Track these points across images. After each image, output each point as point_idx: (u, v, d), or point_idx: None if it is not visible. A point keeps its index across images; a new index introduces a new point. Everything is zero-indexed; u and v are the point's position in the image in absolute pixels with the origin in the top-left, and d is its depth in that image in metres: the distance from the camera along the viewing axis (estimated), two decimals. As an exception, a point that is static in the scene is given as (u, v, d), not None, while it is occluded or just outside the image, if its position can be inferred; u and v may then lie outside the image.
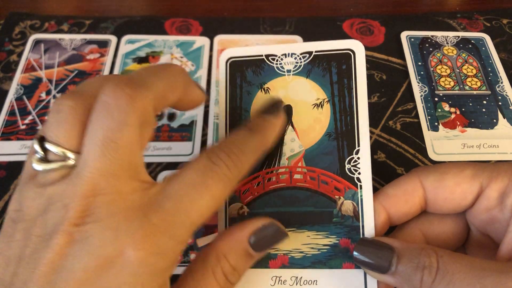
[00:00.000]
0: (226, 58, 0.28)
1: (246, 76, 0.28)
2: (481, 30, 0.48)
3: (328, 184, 0.26)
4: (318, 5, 0.53)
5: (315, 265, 0.25)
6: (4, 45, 0.48)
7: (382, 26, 0.49)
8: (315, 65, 0.27)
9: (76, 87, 0.21)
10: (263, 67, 0.28)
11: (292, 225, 0.26)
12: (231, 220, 0.26)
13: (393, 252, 0.22)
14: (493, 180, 0.24)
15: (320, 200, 0.26)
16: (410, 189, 0.25)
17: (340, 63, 0.27)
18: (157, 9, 0.54)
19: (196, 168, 0.20)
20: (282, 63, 0.27)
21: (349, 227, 0.25)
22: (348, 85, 0.26)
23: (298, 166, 0.26)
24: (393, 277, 0.22)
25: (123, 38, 0.48)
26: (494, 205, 0.24)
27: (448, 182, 0.24)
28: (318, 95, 0.27)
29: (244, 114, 0.27)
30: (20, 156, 0.39)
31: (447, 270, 0.21)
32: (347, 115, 0.26)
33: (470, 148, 0.39)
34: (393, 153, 0.39)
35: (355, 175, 0.25)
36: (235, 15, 0.51)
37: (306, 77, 0.27)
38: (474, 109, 0.42)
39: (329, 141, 0.26)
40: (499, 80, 0.44)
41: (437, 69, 0.45)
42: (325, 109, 0.27)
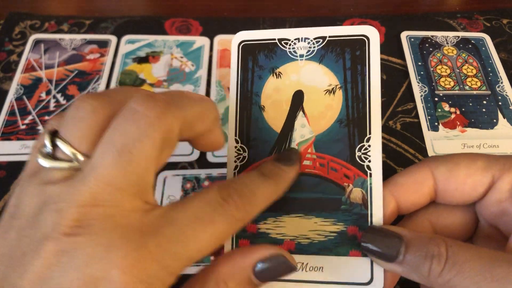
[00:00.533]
0: (239, 41, 0.28)
1: (258, 60, 0.27)
2: (481, 30, 0.48)
3: (337, 171, 0.25)
4: (318, 5, 0.53)
5: (321, 251, 0.25)
6: (4, 45, 0.48)
7: (382, 26, 0.49)
8: (328, 51, 0.27)
9: (104, 90, 0.21)
10: (275, 51, 0.27)
11: (300, 211, 0.25)
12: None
13: (401, 240, 0.22)
14: (505, 172, 0.23)
15: (329, 187, 0.25)
16: (421, 179, 0.25)
17: (354, 49, 0.26)
18: (157, 9, 0.54)
19: (204, 200, 0.19)
20: (295, 47, 0.27)
21: (357, 214, 0.25)
22: (361, 71, 0.26)
23: (308, 152, 0.26)
24: (400, 266, 0.22)
25: (123, 38, 0.48)
26: (506, 197, 0.23)
27: (459, 173, 0.24)
28: (330, 81, 0.26)
29: (255, 99, 0.27)
30: (20, 156, 0.39)
31: (456, 260, 0.20)
32: (359, 102, 0.26)
33: (470, 148, 0.39)
34: (393, 153, 0.39)
35: (365, 163, 0.25)
36: (235, 15, 0.51)
37: (319, 63, 0.27)
38: (474, 109, 0.42)
39: (340, 128, 0.26)
40: (499, 80, 0.44)
41: (437, 69, 0.45)
42: (337, 95, 0.26)
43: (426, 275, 0.21)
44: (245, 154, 0.27)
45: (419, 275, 0.21)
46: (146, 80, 0.45)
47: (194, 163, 0.39)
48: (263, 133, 0.27)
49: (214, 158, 0.39)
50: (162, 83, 0.44)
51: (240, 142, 0.27)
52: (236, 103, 0.27)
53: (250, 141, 0.27)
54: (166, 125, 0.18)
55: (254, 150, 0.26)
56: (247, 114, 0.27)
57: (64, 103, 0.43)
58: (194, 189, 0.37)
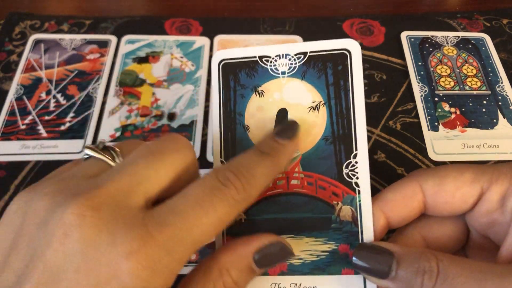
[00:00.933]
0: (218, 60, 0.27)
1: (240, 78, 0.27)
2: (481, 30, 0.48)
3: (326, 189, 0.25)
4: (318, 5, 0.53)
5: (314, 271, 0.25)
6: (4, 45, 0.48)
7: (382, 26, 0.49)
8: (310, 66, 0.26)
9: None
10: (256, 69, 0.27)
11: (290, 232, 0.25)
12: (228, 228, 0.25)
13: (392, 256, 0.22)
14: (493, 183, 0.23)
15: (318, 206, 0.25)
16: (410, 193, 0.25)
17: (336, 64, 0.26)
18: (157, 9, 0.54)
19: (203, 186, 0.20)
20: (276, 64, 0.27)
21: (348, 232, 0.25)
22: (344, 87, 0.26)
23: (295, 171, 0.26)
24: (393, 282, 0.22)
25: (123, 38, 0.48)
26: (495, 208, 0.23)
27: (448, 186, 0.24)
28: (314, 98, 0.26)
29: (238, 118, 0.26)
30: (20, 156, 0.39)
31: (447, 274, 0.20)
32: (344, 118, 0.25)
33: (470, 148, 0.39)
34: (393, 153, 0.39)
35: (353, 179, 0.25)
36: (235, 15, 0.51)
37: (301, 79, 0.26)
38: (474, 109, 0.42)
39: (326, 145, 0.26)
40: (499, 80, 0.44)
41: (437, 69, 0.45)
42: (321, 112, 0.26)
43: None
44: None
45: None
46: (146, 80, 0.45)
47: (194, 163, 0.39)
48: None
49: (214, 158, 0.39)
50: (162, 83, 0.44)
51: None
52: (220, 124, 0.27)
53: None
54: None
55: None
56: (231, 135, 0.26)
57: (64, 103, 0.43)
58: (194, 189, 0.37)
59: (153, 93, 0.44)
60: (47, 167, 0.39)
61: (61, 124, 0.41)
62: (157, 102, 0.43)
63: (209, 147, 0.40)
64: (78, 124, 0.41)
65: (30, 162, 0.39)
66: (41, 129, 0.41)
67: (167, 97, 0.43)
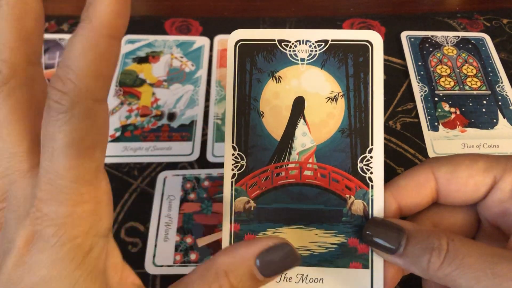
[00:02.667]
0: (235, 40, 0.26)
1: (257, 62, 0.26)
2: (481, 30, 0.48)
3: (339, 182, 0.25)
4: (318, 5, 0.53)
5: (322, 263, 0.25)
6: (4, 45, 0.47)
7: (382, 26, 0.49)
8: (330, 55, 0.26)
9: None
10: (275, 53, 0.26)
11: (300, 222, 0.25)
12: (236, 215, 0.25)
13: (403, 233, 0.22)
14: (507, 173, 0.23)
15: (330, 198, 0.25)
16: (422, 181, 0.25)
17: (357, 55, 0.25)
18: (157, 9, 0.54)
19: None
20: (296, 50, 0.26)
21: (358, 226, 0.25)
22: (364, 79, 0.25)
23: (309, 162, 0.25)
24: (401, 258, 0.22)
25: (123, 38, 0.48)
26: (507, 197, 0.23)
27: (461, 174, 0.24)
28: (332, 88, 0.26)
29: (253, 103, 0.26)
30: (20, 156, 0.39)
31: (457, 254, 0.20)
32: (362, 111, 0.25)
33: (470, 148, 0.39)
34: (393, 153, 0.39)
35: (367, 174, 0.25)
36: (235, 15, 0.51)
37: (321, 68, 0.26)
38: (474, 109, 0.42)
39: (342, 138, 0.25)
40: (499, 80, 0.44)
41: (437, 69, 0.45)
42: (339, 103, 0.25)
43: (426, 268, 0.21)
44: (243, 162, 0.26)
45: (419, 268, 0.21)
46: (146, 80, 0.45)
47: (194, 163, 0.39)
48: (262, 141, 0.26)
49: (214, 158, 0.39)
50: (162, 83, 0.44)
51: (238, 149, 0.26)
52: (233, 107, 0.26)
53: (248, 149, 0.26)
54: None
55: (253, 158, 0.26)
56: (245, 119, 0.26)
57: (64, 103, 0.43)
58: (194, 189, 0.37)
59: (153, 93, 0.44)
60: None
61: (61, 124, 0.41)
62: (157, 102, 0.43)
63: (209, 147, 0.40)
64: (78, 124, 0.41)
65: (30, 162, 0.39)
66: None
67: (167, 97, 0.43)
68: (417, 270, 0.22)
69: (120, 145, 0.40)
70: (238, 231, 0.25)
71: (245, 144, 0.26)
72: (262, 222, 0.25)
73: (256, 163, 0.25)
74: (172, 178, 0.38)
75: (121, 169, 0.38)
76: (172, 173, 0.38)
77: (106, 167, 0.38)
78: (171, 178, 0.38)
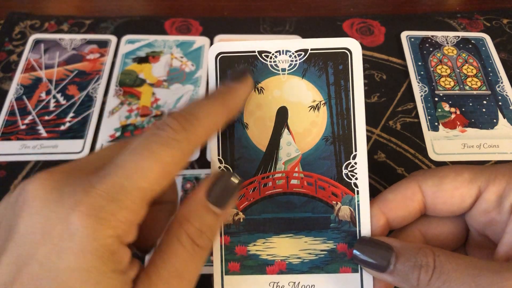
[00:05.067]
0: (215, 53, 0.26)
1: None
2: (481, 30, 0.48)
3: (325, 189, 0.26)
4: (318, 5, 0.53)
5: (312, 270, 0.25)
6: (4, 45, 0.47)
7: (382, 26, 0.49)
8: (311, 64, 0.26)
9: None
10: (256, 65, 0.26)
11: (290, 231, 0.25)
12: (226, 227, 0.26)
13: (391, 251, 0.23)
14: (491, 183, 0.24)
15: (318, 206, 0.25)
16: (409, 194, 0.25)
17: (336, 63, 0.26)
18: (157, 9, 0.54)
19: (142, 136, 0.20)
20: (276, 60, 0.26)
21: (346, 232, 0.25)
22: (345, 86, 0.26)
23: (295, 171, 0.26)
24: (391, 276, 0.22)
25: (123, 38, 0.48)
26: (492, 207, 0.24)
27: (446, 186, 0.24)
28: (314, 97, 0.26)
29: (237, 115, 0.26)
30: (20, 156, 0.39)
31: (443, 269, 0.21)
32: (344, 118, 0.25)
33: (470, 148, 0.39)
34: (393, 153, 0.39)
35: (352, 180, 0.25)
36: (235, 15, 0.51)
37: (302, 77, 0.26)
38: (474, 109, 0.42)
39: (326, 146, 0.26)
40: (499, 80, 0.44)
41: (437, 69, 0.45)
42: (321, 111, 0.26)
43: (415, 285, 0.21)
44: None
45: (409, 285, 0.22)
46: (146, 80, 0.45)
47: (194, 163, 0.39)
48: (248, 152, 0.26)
49: (214, 158, 0.39)
50: (162, 83, 0.44)
51: (224, 162, 0.26)
52: None
53: (234, 161, 0.26)
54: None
55: (240, 170, 0.26)
56: (229, 132, 0.26)
57: (64, 103, 0.43)
58: (194, 189, 0.37)
59: (153, 93, 0.44)
60: (47, 167, 0.39)
61: (61, 124, 0.41)
62: (157, 102, 0.43)
63: (209, 147, 0.40)
64: (78, 124, 0.41)
65: (30, 162, 0.39)
66: (41, 129, 0.41)
67: (167, 97, 0.43)
68: (407, 287, 0.22)
69: (120, 145, 0.40)
70: (229, 244, 0.25)
71: (231, 157, 0.26)
72: (252, 233, 0.25)
73: (244, 175, 0.25)
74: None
75: (121, 169, 0.38)
76: (172, 173, 0.38)
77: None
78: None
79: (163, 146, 0.19)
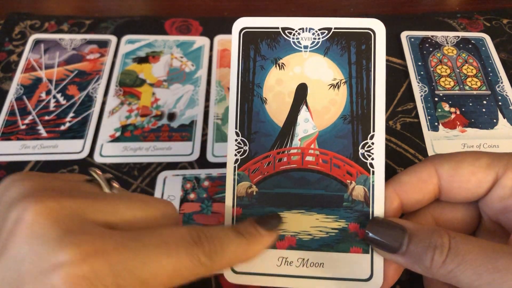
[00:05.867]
0: (239, 28, 0.27)
1: (260, 49, 0.26)
2: (481, 30, 0.48)
3: (340, 168, 0.25)
4: (318, 5, 0.53)
5: (322, 248, 0.25)
6: (4, 45, 0.47)
7: (382, 26, 0.49)
8: (333, 43, 0.26)
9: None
10: (278, 41, 0.26)
11: (302, 207, 0.25)
12: (239, 199, 0.26)
13: (404, 232, 0.22)
14: (509, 169, 0.23)
15: (331, 184, 0.25)
16: (425, 177, 0.25)
17: (359, 43, 0.26)
18: (157, 9, 0.54)
19: (175, 232, 0.20)
20: (299, 38, 0.26)
21: (359, 212, 0.25)
22: (366, 67, 0.25)
23: (311, 148, 0.26)
24: (403, 257, 0.22)
25: (123, 38, 0.48)
26: (509, 194, 0.23)
27: (463, 171, 0.24)
28: (335, 75, 0.26)
29: (256, 90, 0.26)
30: (20, 156, 0.39)
31: (459, 251, 0.20)
32: (364, 98, 0.25)
33: (470, 148, 0.39)
34: (393, 153, 0.39)
35: (368, 160, 0.25)
36: (235, 15, 0.51)
37: (324, 55, 0.26)
38: (474, 109, 0.42)
39: (344, 124, 0.26)
40: (499, 80, 0.44)
41: (437, 69, 0.45)
42: (341, 90, 0.26)
43: (429, 266, 0.21)
44: (246, 148, 0.26)
45: (422, 266, 0.21)
46: (146, 80, 0.45)
47: (194, 163, 0.39)
48: (265, 127, 0.26)
49: (214, 158, 0.39)
50: (162, 83, 0.44)
51: (241, 135, 0.26)
52: (237, 94, 0.26)
53: (251, 134, 0.26)
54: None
55: (256, 144, 0.26)
56: (248, 106, 0.26)
57: (64, 103, 0.43)
58: (194, 189, 0.37)
59: (153, 93, 0.44)
60: (47, 167, 0.39)
61: (61, 124, 0.41)
62: (157, 102, 0.43)
63: (209, 147, 0.40)
64: (78, 124, 0.41)
65: (30, 162, 0.39)
66: (41, 129, 0.41)
67: (167, 97, 0.43)
68: (419, 269, 0.22)
69: (120, 145, 0.40)
70: (240, 215, 0.25)
71: (248, 130, 0.26)
72: (264, 206, 0.25)
73: (259, 149, 0.26)
74: (172, 178, 0.38)
75: (121, 169, 0.38)
76: (172, 173, 0.38)
77: (106, 167, 0.38)
78: (171, 178, 0.38)
79: (188, 259, 0.19)
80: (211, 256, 0.20)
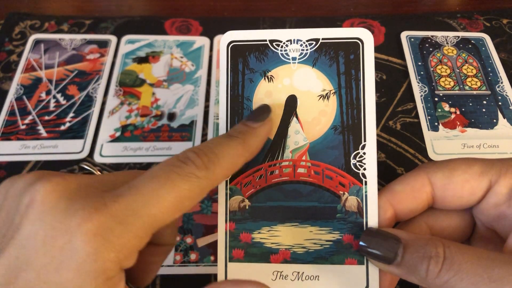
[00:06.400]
0: (227, 41, 0.26)
1: (249, 62, 0.26)
2: (481, 30, 0.48)
3: (332, 179, 0.25)
4: (318, 5, 0.53)
5: (317, 260, 0.25)
6: (4, 45, 0.48)
7: (382, 26, 0.49)
8: (321, 54, 0.26)
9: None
10: (266, 53, 0.26)
11: (295, 220, 0.25)
12: (231, 214, 0.25)
13: (399, 242, 0.22)
14: (502, 176, 0.23)
15: (324, 195, 0.25)
16: (418, 186, 0.25)
17: (347, 53, 0.26)
18: (157, 9, 0.54)
19: (162, 164, 0.20)
20: (287, 49, 0.26)
21: (353, 223, 0.25)
22: (355, 76, 0.25)
23: (303, 160, 0.26)
24: (398, 268, 0.22)
25: (123, 38, 0.48)
26: (503, 201, 0.23)
27: (457, 178, 0.24)
28: (324, 86, 0.26)
29: (246, 103, 0.26)
30: (20, 156, 0.39)
31: (454, 260, 0.20)
32: (354, 108, 0.25)
33: (470, 148, 0.39)
34: (393, 153, 0.39)
35: (360, 170, 0.25)
36: (235, 15, 0.51)
37: (312, 66, 0.26)
38: (474, 109, 0.42)
39: (335, 135, 0.25)
40: (499, 80, 0.44)
41: (437, 69, 0.45)
42: (331, 101, 0.26)
43: (424, 276, 0.21)
44: None
45: (417, 277, 0.21)
46: (146, 80, 0.45)
47: (194, 163, 0.39)
48: None
49: (214, 158, 0.39)
50: (162, 83, 0.44)
51: None
52: (227, 107, 0.26)
53: None
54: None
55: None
56: (238, 119, 0.26)
57: (64, 103, 0.43)
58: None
59: (153, 93, 0.44)
60: (47, 167, 0.39)
61: (61, 124, 0.41)
62: (157, 102, 0.43)
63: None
64: (78, 124, 0.41)
65: (30, 162, 0.39)
66: (41, 129, 0.41)
67: (167, 97, 0.43)
68: (415, 279, 0.22)
69: (120, 145, 0.40)
70: (234, 230, 0.25)
71: None
72: (257, 220, 0.25)
73: (250, 162, 0.25)
74: (172, 178, 0.38)
75: (121, 169, 0.38)
76: (172, 173, 0.38)
77: (106, 167, 0.38)
78: (171, 178, 0.38)
79: (183, 179, 0.19)
80: (208, 166, 0.20)
